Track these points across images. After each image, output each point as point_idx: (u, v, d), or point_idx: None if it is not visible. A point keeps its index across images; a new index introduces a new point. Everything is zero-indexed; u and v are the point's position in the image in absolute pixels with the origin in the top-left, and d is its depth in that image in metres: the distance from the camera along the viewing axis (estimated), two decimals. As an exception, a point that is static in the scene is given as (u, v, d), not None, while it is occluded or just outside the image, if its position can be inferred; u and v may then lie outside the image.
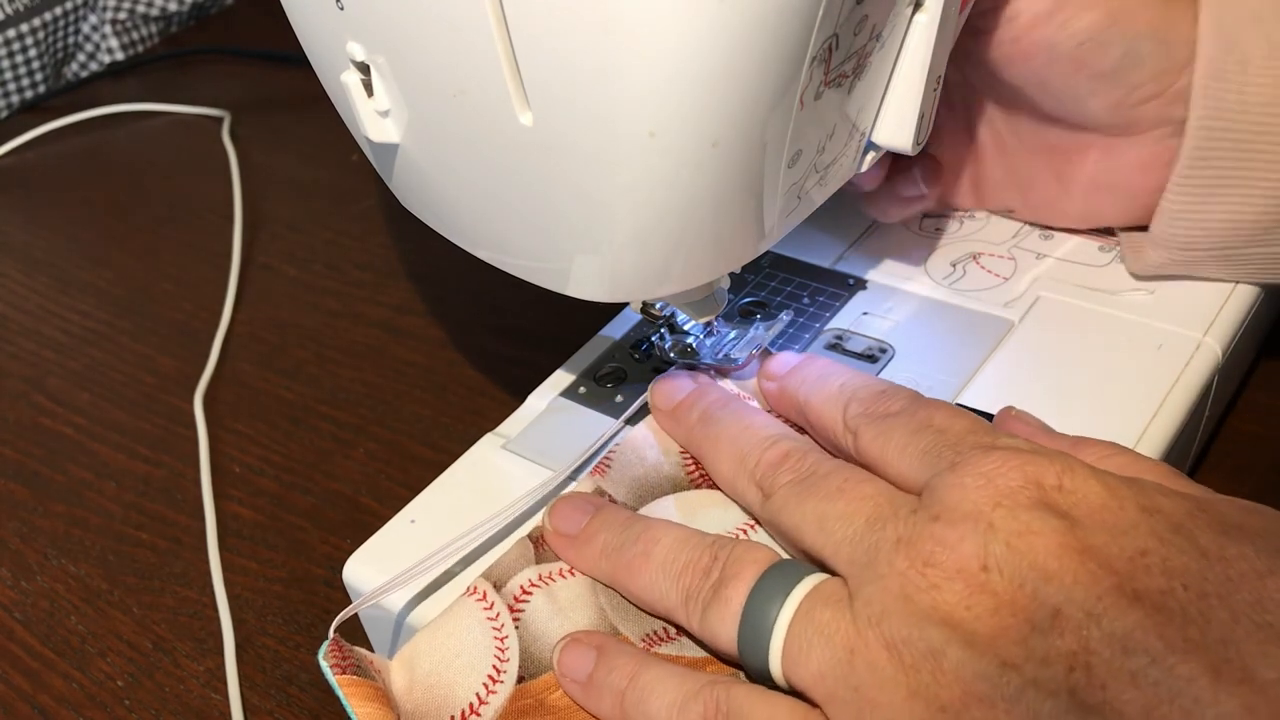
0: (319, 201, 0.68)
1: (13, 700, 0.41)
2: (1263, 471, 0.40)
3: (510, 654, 0.30)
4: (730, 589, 0.28)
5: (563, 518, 0.32)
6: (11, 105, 0.85)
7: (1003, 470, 0.25)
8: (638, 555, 0.30)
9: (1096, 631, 0.23)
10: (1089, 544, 0.24)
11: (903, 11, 0.30)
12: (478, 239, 0.34)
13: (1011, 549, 0.24)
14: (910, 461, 0.28)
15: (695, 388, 0.35)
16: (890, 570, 0.25)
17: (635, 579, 0.30)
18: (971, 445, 0.27)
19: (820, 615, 0.26)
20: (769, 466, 0.30)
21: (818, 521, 0.28)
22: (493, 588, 0.31)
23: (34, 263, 0.67)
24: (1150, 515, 0.24)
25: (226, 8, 0.96)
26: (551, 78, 0.26)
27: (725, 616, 0.28)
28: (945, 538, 0.25)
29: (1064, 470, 0.25)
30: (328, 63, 0.32)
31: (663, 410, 0.35)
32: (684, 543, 0.30)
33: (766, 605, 0.27)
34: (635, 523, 0.31)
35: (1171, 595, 0.23)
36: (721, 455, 0.32)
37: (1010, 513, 0.25)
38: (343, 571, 0.35)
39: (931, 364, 0.38)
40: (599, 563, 0.31)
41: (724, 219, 0.30)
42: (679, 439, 0.35)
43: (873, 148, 0.34)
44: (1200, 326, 0.37)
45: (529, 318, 0.54)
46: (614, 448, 0.35)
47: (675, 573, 0.29)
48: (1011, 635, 0.23)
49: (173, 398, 0.54)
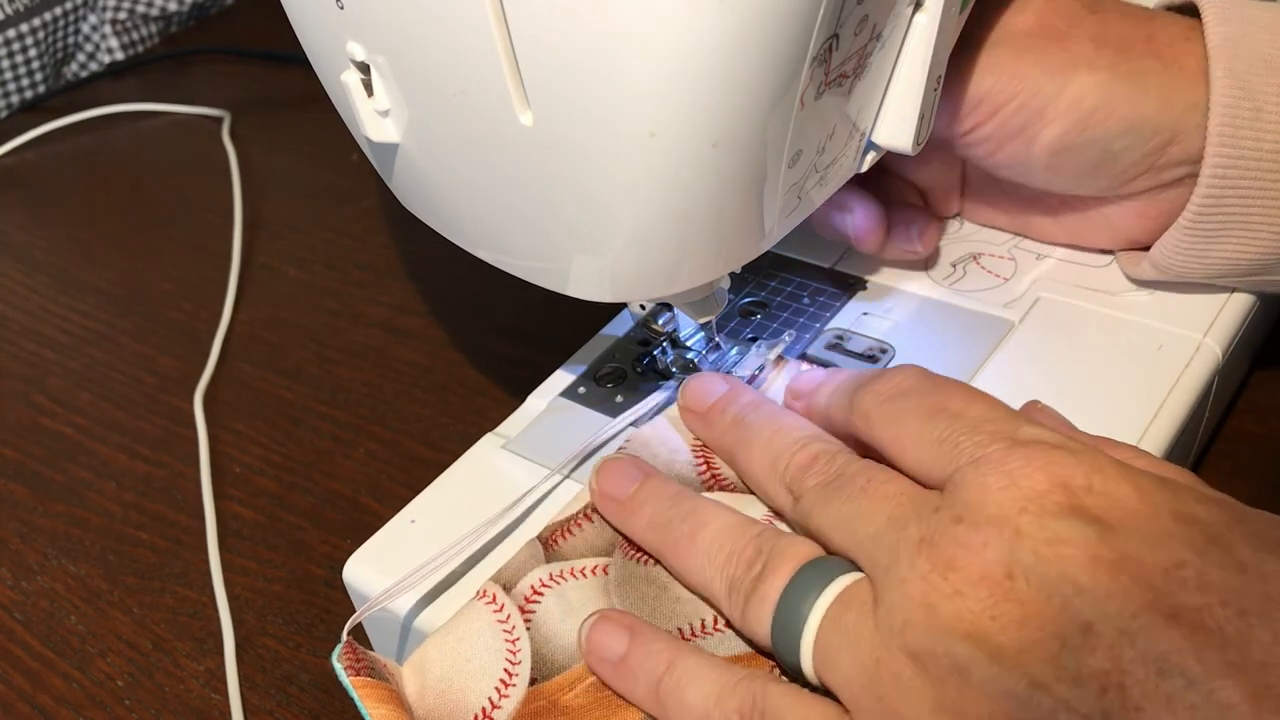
0: (319, 201, 0.68)
1: (13, 700, 0.41)
2: (1263, 471, 0.40)
3: (522, 656, 0.30)
4: (768, 585, 0.28)
5: (611, 480, 0.32)
6: (11, 105, 0.85)
7: (1028, 470, 0.24)
8: (684, 537, 0.30)
9: (1131, 651, 0.22)
10: (1122, 554, 0.23)
11: (903, 11, 0.30)
12: (478, 239, 0.34)
13: (1039, 558, 0.23)
14: (927, 450, 0.27)
15: (728, 389, 0.34)
16: (912, 573, 0.24)
17: (681, 561, 0.30)
18: (991, 435, 0.26)
19: (846, 619, 0.26)
20: (799, 469, 0.30)
21: (842, 522, 0.27)
22: (502, 590, 0.31)
23: (34, 263, 0.67)
24: (1186, 524, 0.23)
25: (226, 8, 0.96)
26: (551, 78, 0.26)
27: (762, 613, 0.28)
28: (969, 541, 0.24)
29: (1093, 469, 0.24)
30: (328, 63, 0.32)
31: (695, 411, 0.34)
32: (729, 530, 0.29)
33: (799, 604, 0.27)
34: (684, 499, 0.31)
35: (1209, 613, 0.22)
36: (754, 458, 0.32)
37: (1037, 519, 0.24)
38: (343, 571, 0.35)
39: (931, 364, 0.37)
40: (645, 534, 0.31)
41: (724, 219, 0.30)
42: (711, 441, 0.34)
43: (873, 148, 0.34)
44: (1200, 327, 0.37)
45: (529, 318, 0.54)
46: (628, 442, 0.34)
47: (720, 562, 0.29)
48: (1040, 651, 0.22)
49: (173, 398, 0.54)
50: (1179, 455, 0.36)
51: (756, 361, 0.37)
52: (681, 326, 0.39)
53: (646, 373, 0.40)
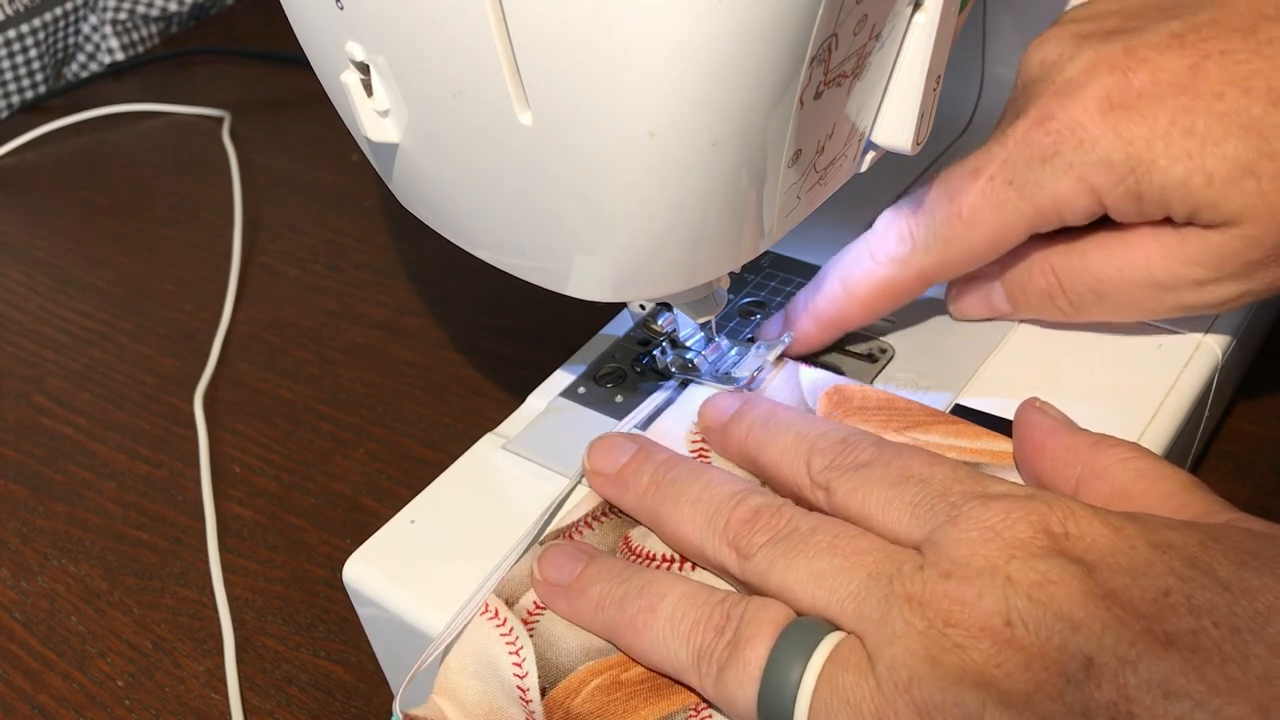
0: (319, 201, 0.68)
1: (13, 700, 0.41)
2: (1263, 471, 0.40)
3: (528, 667, 0.29)
4: (749, 650, 0.26)
5: (553, 566, 0.31)
6: (11, 105, 0.85)
7: (1008, 522, 0.25)
8: (642, 610, 0.29)
9: (1134, 679, 0.22)
10: (1110, 588, 0.23)
11: (902, 11, 0.30)
12: (478, 239, 0.34)
13: (1034, 601, 0.23)
14: (898, 516, 0.27)
15: (638, 448, 0.33)
16: (908, 629, 0.24)
17: (641, 637, 0.28)
18: (962, 495, 0.26)
19: (843, 680, 0.25)
20: (741, 524, 0.29)
21: (814, 579, 0.27)
22: (504, 604, 0.31)
23: (34, 263, 0.67)
24: (1163, 552, 0.24)
25: (226, 8, 0.96)
26: (551, 78, 0.26)
27: (744, 680, 0.26)
28: (962, 596, 0.24)
29: (1067, 515, 0.25)
30: (328, 63, 0.32)
31: (604, 475, 0.33)
32: (691, 597, 0.28)
33: (788, 669, 0.26)
34: (635, 574, 0.30)
35: (1204, 634, 0.22)
36: (684, 518, 0.30)
37: (1026, 564, 0.24)
38: (343, 571, 0.35)
39: (931, 364, 0.38)
40: (596, 616, 0.29)
41: (724, 219, 0.30)
42: (627, 506, 0.32)
43: (873, 148, 0.34)
44: (1200, 327, 0.37)
45: (529, 318, 0.54)
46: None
47: (685, 631, 0.28)
48: (1047, 690, 0.22)
49: (173, 398, 0.54)
50: (1178, 455, 0.36)
51: (755, 363, 0.37)
52: (681, 326, 0.39)
53: (646, 373, 0.40)
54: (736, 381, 0.37)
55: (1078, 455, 0.28)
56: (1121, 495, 0.27)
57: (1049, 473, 0.29)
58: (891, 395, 0.34)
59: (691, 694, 0.28)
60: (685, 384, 0.38)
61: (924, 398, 0.36)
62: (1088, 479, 0.28)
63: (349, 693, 0.40)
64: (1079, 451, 0.28)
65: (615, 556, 0.31)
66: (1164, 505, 0.26)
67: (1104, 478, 0.28)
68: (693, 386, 0.37)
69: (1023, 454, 0.30)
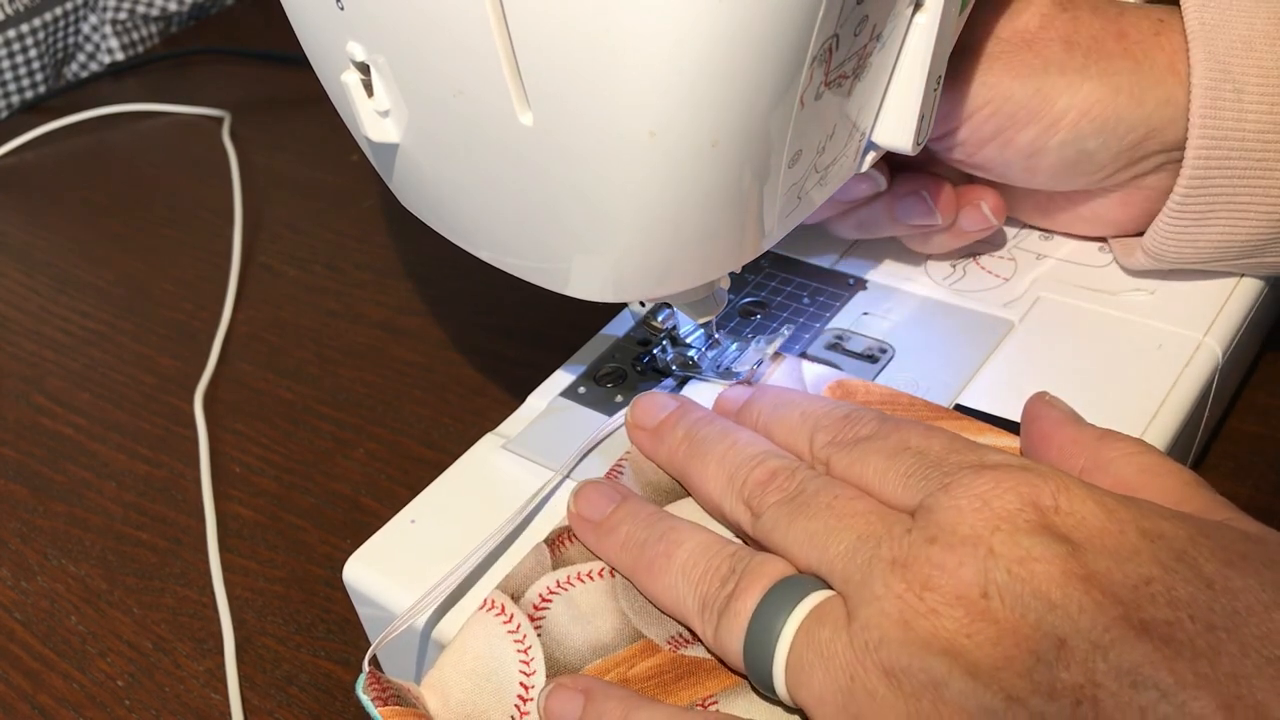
0: (319, 201, 0.68)
1: (13, 700, 0.41)
2: (1263, 471, 0.40)
3: (536, 665, 0.30)
4: (740, 601, 0.27)
5: (587, 502, 0.32)
6: (11, 105, 0.85)
7: (998, 491, 0.25)
8: (659, 555, 0.30)
9: (1103, 664, 0.22)
10: (1091, 570, 0.23)
11: (903, 12, 0.30)
12: (478, 239, 0.34)
13: (1013, 576, 0.23)
14: (892, 485, 0.27)
15: (678, 405, 0.34)
16: (887, 592, 0.25)
17: (656, 579, 0.30)
18: (957, 465, 0.26)
19: (820, 635, 0.26)
20: (757, 485, 0.30)
21: (809, 538, 0.27)
22: (510, 599, 0.31)
23: (34, 263, 0.67)
24: (1151, 541, 0.24)
25: (226, 8, 0.96)
26: (551, 78, 0.26)
27: (734, 629, 0.27)
28: (943, 562, 0.24)
29: (1059, 490, 0.25)
30: (328, 63, 0.32)
31: (644, 429, 0.34)
32: (705, 548, 0.29)
33: (771, 621, 0.26)
34: (660, 519, 0.31)
35: (1179, 627, 0.22)
36: (709, 474, 0.31)
37: (1010, 537, 0.24)
38: (343, 571, 0.35)
39: (931, 364, 0.38)
40: (619, 554, 0.31)
41: (724, 219, 0.30)
42: (661, 458, 0.34)
43: (873, 148, 0.34)
44: (1200, 327, 0.37)
45: (529, 318, 0.54)
46: (627, 453, 0.35)
47: (695, 578, 0.29)
48: (1015, 666, 0.23)
49: (173, 398, 0.54)
50: (1179, 455, 0.36)
51: (754, 357, 0.37)
52: (681, 324, 0.40)
53: (646, 372, 0.40)
54: (737, 375, 0.37)
55: (1083, 447, 0.29)
56: (1124, 488, 0.27)
57: (1054, 463, 0.29)
58: (895, 390, 0.35)
59: (698, 688, 0.29)
60: (684, 381, 0.38)
61: (924, 397, 0.36)
62: (1091, 471, 0.28)
63: (349, 693, 0.40)
64: (1084, 444, 0.29)
65: (645, 500, 0.33)
66: (1165, 500, 0.26)
67: (1107, 470, 0.28)
68: (693, 383, 0.37)
69: (1030, 444, 0.30)
